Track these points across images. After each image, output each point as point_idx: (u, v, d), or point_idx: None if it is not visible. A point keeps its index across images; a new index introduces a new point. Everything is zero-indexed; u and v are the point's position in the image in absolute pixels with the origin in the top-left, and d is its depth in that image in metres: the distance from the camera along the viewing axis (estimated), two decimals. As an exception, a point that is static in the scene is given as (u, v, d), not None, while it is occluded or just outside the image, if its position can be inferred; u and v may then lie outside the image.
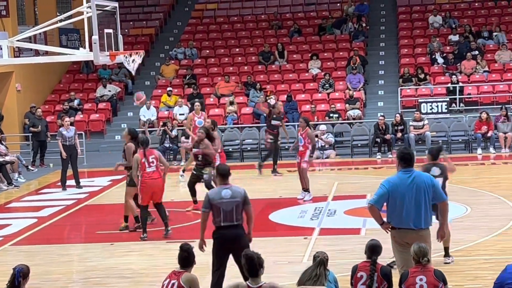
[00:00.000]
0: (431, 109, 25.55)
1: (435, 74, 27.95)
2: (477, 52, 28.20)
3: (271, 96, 26.92)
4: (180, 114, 26.29)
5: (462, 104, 26.46)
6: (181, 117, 26.15)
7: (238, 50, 30.86)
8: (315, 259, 7.94)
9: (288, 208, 16.61)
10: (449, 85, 26.83)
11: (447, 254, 11.61)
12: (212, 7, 34.04)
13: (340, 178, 20.31)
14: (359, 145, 24.68)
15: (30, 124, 25.59)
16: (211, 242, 9.78)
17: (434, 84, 27.38)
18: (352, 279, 7.97)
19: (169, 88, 28.10)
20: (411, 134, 23.78)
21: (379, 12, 33.29)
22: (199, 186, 16.39)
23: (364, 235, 13.24)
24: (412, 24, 31.46)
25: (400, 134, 23.84)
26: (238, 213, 9.66)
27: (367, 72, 28.94)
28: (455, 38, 29.39)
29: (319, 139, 23.61)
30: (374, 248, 8.04)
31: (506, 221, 14.28)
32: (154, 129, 25.39)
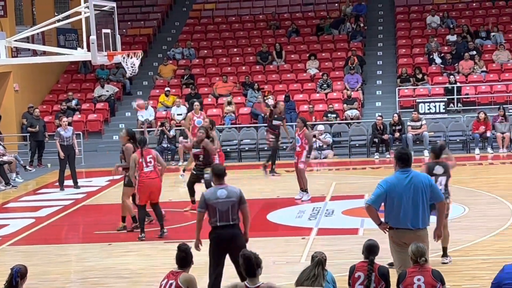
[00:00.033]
0: (429, 109, 25.56)
1: (433, 74, 27.96)
2: (474, 52, 28.21)
3: (269, 96, 26.91)
4: (178, 114, 26.30)
5: (460, 104, 26.47)
6: (179, 117, 26.15)
7: (236, 50, 30.85)
8: (313, 259, 7.93)
9: (286, 208, 16.61)
10: (447, 85, 26.85)
11: (445, 254, 11.61)
12: (210, 7, 34.05)
13: (338, 178, 20.31)
14: (357, 145, 24.68)
15: (28, 124, 25.57)
16: (208, 242, 9.77)
17: (432, 84, 27.39)
18: (350, 279, 7.97)
19: (167, 88, 28.09)
20: (409, 134, 23.78)
21: (377, 12, 33.30)
22: (198, 186, 16.37)
23: (362, 235, 13.23)
24: (410, 24, 31.47)
25: (398, 134, 23.85)
26: (234, 213, 9.65)
27: (365, 72, 28.94)
28: (453, 38, 29.40)
29: (317, 139, 23.61)
30: (372, 248, 8.04)
31: (504, 221, 14.29)
32: (152, 129, 25.37)
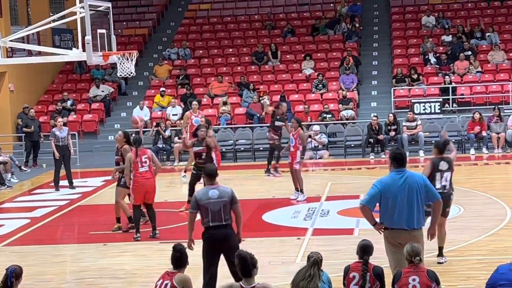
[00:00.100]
0: (424, 109, 25.58)
1: (428, 75, 27.98)
2: (470, 52, 28.23)
3: (264, 97, 26.92)
4: (173, 115, 26.28)
5: (455, 105, 26.50)
6: (174, 117, 26.14)
7: (231, 50, 30.84)
8: (309, 259, 7.93)
9: (282, 209, 16.60)
10: (442, 85, 26.88)
11: (440, 254, 11.63)
12: (206, 7, 34.03)
13: (333, 178, 20.31)
14: (352, 145, 24.68)
15: (23, 125, 25.54)
16: (201, 243, 9.77)
17: (427, 85, 27.41)
18: (345, 279, 7.97)
19: (162, 89, 28.07)
20: (404, 134, 23.79)
21: (372, 12, 33.31)
22: (199, 186, 16.30)
23: (357, 235, 13.24)
24: (405, 24, 31.49)
25: (393, 133, 23.85)
26: (226, 213, 9.64)
27: (360, 73, 28.96)
28: (448, 38, 29.43)
29: (312, 140, 23.62)
30: (366, 248, 8.04)
31: (499, 221, 14.31)
32: (147, 129, 25.35)
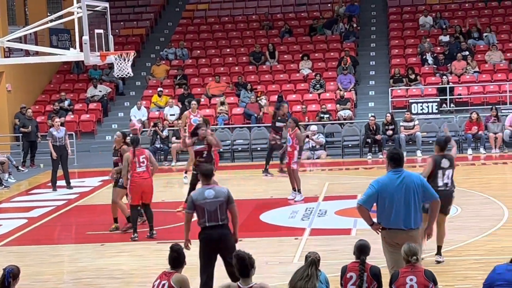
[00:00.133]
0: (421, 109, 25.60)
1: (425, 75, 28.00)
2: (467, 52, 28.24)
3: (262, 97, 26.91)
4: (171, 115, 26.28)
5: (452, 105, 26.52)
6: (171, 117, 26.14)
7: (229, 50, 30.84)
8: (306, 259, 7.93)
9: (279, 209, 16.59)
10: (439, 85, 26.90)
11: (439, 253, 11.66)
12: (203, 7, 34.03)
13: (331, 178, 20.31)
14: (350, 145, 24.69)
15: (20, 125, 25.52)
16: (198, 243, 9.77)
17: (425, 85, 27.43)
18: (342, 279, 7.97)
19: (159, 89, 28.07)
20: (401, 134, 23.80)
21: (370, 12, 33.33)
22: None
23: (355, 236, 13.22)
24: (402, 24, 31.50)
25: (391, 132, 23.85)
26: (222, 213, 9.64)
27: (358, 73, 28.97)
28: (445, 38, 29.45)
29: (310, 140, 23.61)
30: (363, 248, 8.04)
31: (496, 221, 14.32)
32: (145, 129, 25.35)
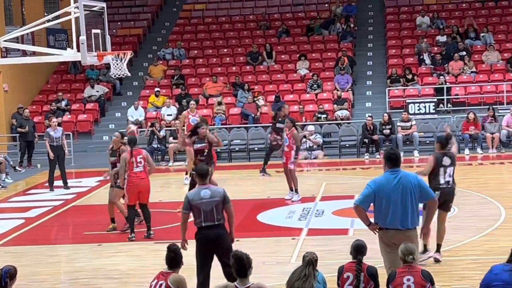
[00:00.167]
0: (418, 109, 25.61)
1: (422, 75, 28.01)
2: (464, 53, 28.26)
3: (259, 97, 26.91)
4: (168, 115, 26.27)
5: (449, 105, 26.53)
6: (169, 117, 26.13)
7: (226, 50, 30.84)
8: (304, 259, 7.94)
9: (276, 209, 16.59)
10: (436, 85, 26.92)
11: (438, 251, 11.69)
12: (200, 7, 34.02)
13: (328, 178, 20.32)
14: (347, 145, 24.71)
15: (17, 125, 25.50)
16: (195, 244, 9.76)
17: (422, 85, 27.44)
18: (339, 280, 7.97)
19: (157, 89, 28.06)
20: (399, 134, 23.82)
21: (367, 12, 33.34)
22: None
23: (352, 236, 13.24)
24: (400, 25, 31.52)
25: (388, 131, 23.85)
26: (218, 212, 9.64)
27: (355, 73, 28.97)
28: (442, 38, 29.46)
29: (307, 140, 23.62)
30: (359, 248, 8.04)
31: (493, 221, 14.34)
32: (142, 129, 25.33)
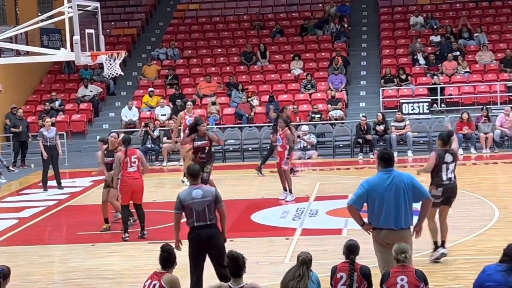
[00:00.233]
0: (412, 109, 25.63)
1: (416, 75, 28.04)
2: (458, 53, 28.30)
3: (253, 97, 26.91)
4: (162, 115, 26.25)
5: (443, 105, 26.57)
6: (163, 117, 26.11)
7: (220, 50, 30.83)
8: (298, 259, 7.94)
9: (270, 209, 16.59)
10: (430, 85, 26.95)
11: (443, 246, 11.80)
12: (194, 7, 34.02)
13: (322, 178, 20.32)
14: (341, 145, 24.71)
15: (11, 125, 25.45)
16: (188, 244, 9.77)
17: (416, 85, 27.47)
18: (332, 280, 7.97)
19: (150, 89, 28.04)
20: (392, 134, 23.84)
21: (361, 13, 33.37)
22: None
23: (346, 236, 13.24)
24: (393, 25, 31.55)
25: (382, 130, 23.85)
26: (210, 212, 9.64)
27: (349, 73, 28.99)
28: (436, 39, 29.50)
29: (301, 140, 23.62)
30: (352, 248, 8.05)
31: (487, 221, 14.36)
32: (136, 129, 25.31)
